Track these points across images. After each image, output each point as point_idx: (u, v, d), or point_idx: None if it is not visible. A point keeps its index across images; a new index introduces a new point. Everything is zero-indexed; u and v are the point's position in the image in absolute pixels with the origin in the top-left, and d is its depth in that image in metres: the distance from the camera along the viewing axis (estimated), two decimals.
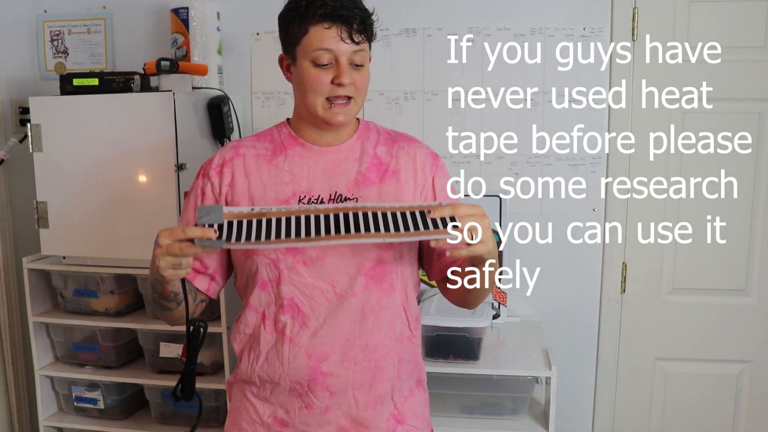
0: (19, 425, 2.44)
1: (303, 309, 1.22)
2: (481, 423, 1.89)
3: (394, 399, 1.29)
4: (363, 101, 1.28)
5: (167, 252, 1.08)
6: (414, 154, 1.31)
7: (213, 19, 2.19)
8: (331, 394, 1.23)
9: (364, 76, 1.24)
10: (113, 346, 2.11)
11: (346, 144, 1.30)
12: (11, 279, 2.39)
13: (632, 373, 2.27)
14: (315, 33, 1.20)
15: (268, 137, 1.33)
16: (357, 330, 1.23)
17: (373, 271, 1.23)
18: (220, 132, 2.11)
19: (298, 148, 1.29)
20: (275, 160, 1.28)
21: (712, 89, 2.13)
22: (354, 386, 1.24)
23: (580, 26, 2.14)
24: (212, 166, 1.30)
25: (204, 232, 1.07)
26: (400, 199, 1.26)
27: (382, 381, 1.26)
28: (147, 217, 1.95)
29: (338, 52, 1.19)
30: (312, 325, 1.22)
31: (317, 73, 1.21)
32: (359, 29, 1.20)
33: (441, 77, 2.22)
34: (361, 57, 1.22)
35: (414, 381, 1.35)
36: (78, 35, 2.38)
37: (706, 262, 2.20)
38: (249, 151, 1.30)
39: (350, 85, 1.22)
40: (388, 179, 1.27)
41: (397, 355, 1.28)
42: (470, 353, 1.87)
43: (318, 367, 1.22)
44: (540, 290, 2.25)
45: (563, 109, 2.17)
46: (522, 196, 2.22)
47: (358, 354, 1.23)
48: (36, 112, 1.98)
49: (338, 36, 1.19)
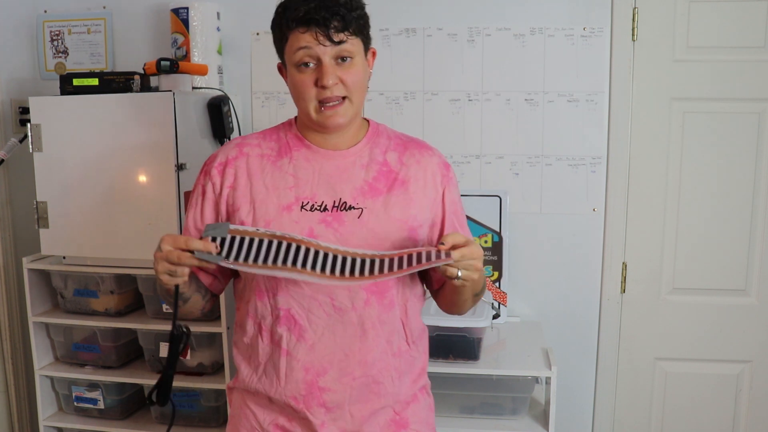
0: (19, 425, 2.44)
1: (300, 321, 1.20)
2: (481, 423, 1.89)
3: (396, 408, 1.27)
4: (360, 98, 1.22)
5: (166, 257, 1.09)
6: (425, 164, 1.28)
7: (213, 19, 2.19)
8: (327, 410, 1.21)
9: (353, 72, 1.18)
10: (113, 346, 2.11)
11: (354, 149, 1.26)
12: (11, 279, 2.39)
13: (632, 373, 2.27)
14: (293, 39, 1.17)
15: (274, 136, 1.29)
16: (356, 345, 1.20)
17: (374, 286, 1.20)
18: (220, 132, 2.11)
19: (304, 150, 1.25)
20: (280, 161, 1.25)
21: (712, 89, 2.13)
22: (351, 402, 1.22)
23: (580, 26, 2.14)
24: (215, 164, 1.27)
25: (206, 246, 1.08)
26: (406, 211, 1.23)
27: (379, 396, 1.24)
28: (147, 217, 1.95)
29: (319, 52, 1.15)
30: (309, 338, 1.20)
31: (301, 77, 1.18)
32: (339, 27, 1.15)
33: (441, 77, 2.22)
34: (348, 52, 1.17)
35: (418, 388, 1.32)
36: (78, 35, 2.38)
37: (706, 262, 2.20)
38: (253, 151, 1.26)
39: (337, 85, 1.17)
40: (396, 189, 1.24)
41: (396, 370, 1.25)
42: (470, 353, 1.87)
43: (315, 382, 1.20)
44: (540, 290, 2.25)
45: (563, 109, 2.17)
46: (522, 196, 2.22)
47: (356, 369, 1.21)
48: (36, 112, 1.98)
49: (315, 39, 1.15)
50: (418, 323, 1.32)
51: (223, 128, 2.11)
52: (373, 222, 1.20)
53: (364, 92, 1.24)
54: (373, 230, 1.20)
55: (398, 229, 1.21)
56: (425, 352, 1.35)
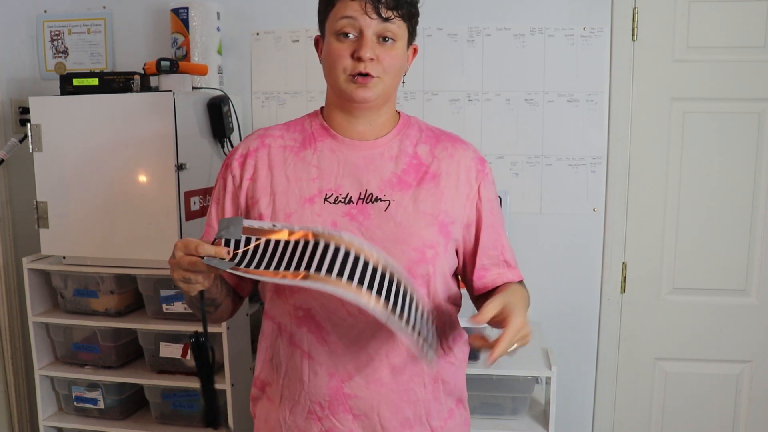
0: (19, 425, 2.44)
1: (321, 322, 1.13)
2: (481, 423, 1.89)
3: (431, 423, 1.19)
4: (393, 83, 1.16)
5: (179, 264, 1.01)
6: (459, 157, 1.21)
7: (213, 19, 2.19)
8: (354, 416, 1.14)
9: (393, 55, 1.13)
10: (113, 346, 2.11)
11: (383, 139, 1.19)
12: (11, 279, 2.39)
13: (632, 373, 2.27)
14: (340, 6, 1.11)
15: (298, 127, 1.23)
16: (383, 349, 1.13)
17: None
18: (220, 132, 2.11)
19: (329, 140, 1.19)
20: (303, 153, 1.19)
21: (712, 89, 2.13)
22: (380, 409, 1.14)
23: (580, 26, 2.14)
24: (235, 157, 1.21)
25: (218, 252, 0.98)
26: (437, 205, 1.15)
27: (410, 403, 1.16)
28: (147, 217, 1.95)
29: (363, 23, 1.10)
30: (331, 340, 1.13)
31: (339, 46, 1.12)
32: (390, 3, 1.10)
33: (441, 77, 2.22)
34: (392, 32, 1.11)
35: (454, 400, 1.25)
36: (78, 35, 2.38)
37: (706, 262, 2.20)
38: (276, 142, 1.21)
39: (374, 63, 1.11)
40: (427, 183, 1.16)
41: (430, 376, 1.18)
42: (470, 353, 1.87)
43: (340, 388, 1.13)
44: (540, 290, 2.24)
45: (563, 109, 2.17)
46: (522, 196, 2.22)
47: (385, 375, 1.14)
48: (36, 112, 1.98)
49: (362, 9, 1.09)
50: (455, 328, 1.25)
51: (223, 128, 2.11)
52: (401, 215, 1.14)
53: (398, 80, 1.18)
54: (400, 224, 1.13)
55: (428, 224, 1.15)
56: (464, 360, 1.28)
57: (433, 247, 1.15)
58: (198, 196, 2.02)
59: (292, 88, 2.29)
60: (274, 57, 2.28)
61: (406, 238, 1.13)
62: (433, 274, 1.16)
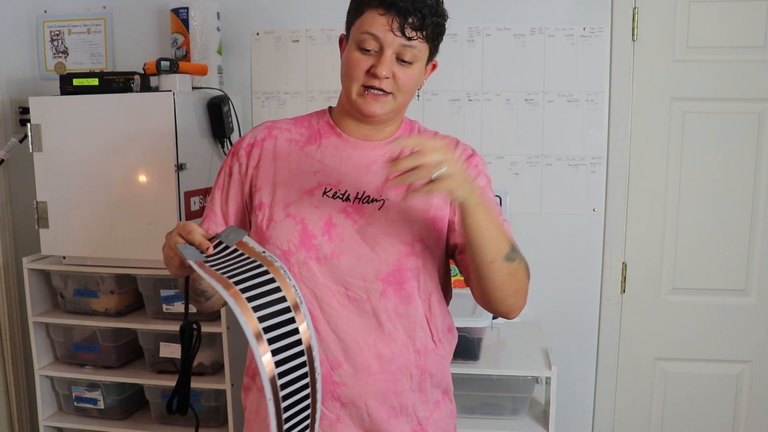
0: (19, 425, 2.44)
1: (311, 310, 1.15)
2: (481, 423, 1.89)
3: (417, 414, 1.22)
4: (405, 100, 1.20)
5: (168, 242, 1.09)
6: None
7: (213, 19, 2.19)
8: (342, 404, 1.17)
9: (409, 75, 1.16)
10: (113, 346, 2.11)
11: (385, 141, 1.24)
12: (11, 279, 2.39)
13: (632, 373, 2.27)
14: (368, 16, 1.13)
15: (305, 123, 1.28)
16: (371, 338, 1.16)
17: (391, 277, 1.16)
18: (220, 132, 2.11)
19: (334, 138, 1.24)
20: (308, 147, 1.23)
21: (712, 89, 2.13)
22: (367, 398, 1.17)
23: (580, 26, 2.14)
24: (243, 145, 1.25)
25: (201, 243, 1.04)
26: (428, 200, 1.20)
27: (397, 393, 1.19)
28: (147, 217, 1.95)
29: (384, 41, 1.12)
30: (320, 329, 1.15)
31: (358, 57, 1.14)
32: (415, 25, 1.12)
33: (441, 77, 2.20)
34: (411, 54, 1.14)
35: (440, 392, 1.28)
36: (78, 35, 2.38)
37: (706, 262, 2.20)
38: (283, 134, 1.25)
39: (388, 80, 1.14)
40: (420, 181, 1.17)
41: (418, 368, 1.20)
42: (470, 353, 1.87)
43: (329, 376, 1.16)
44: (540, 290, 2.24)
45: (563, 109, 2.17)
46: (522, 196, 2.22)
47: (373, 364, 1.16)
48: (36, 112, 1.98)
49: (388, 25, 1.11)
50: (446, 320, 1.27)
51: (223, 128, 2.11)
52: (394, 212, 1.18)
53: (410, 97, 1.22)
54: (392, 220, 1.18)
55: (418, 218, 1.19)
56: (450, 353, 1.30)
57: (423, 241, 1.19)
58: (198, 196, 2.02)
59: (292, 88, 2.29)
60: (274, 57, 2.28)
61: (397, 232, 1.17)
62: (422, 266, 1.19)
